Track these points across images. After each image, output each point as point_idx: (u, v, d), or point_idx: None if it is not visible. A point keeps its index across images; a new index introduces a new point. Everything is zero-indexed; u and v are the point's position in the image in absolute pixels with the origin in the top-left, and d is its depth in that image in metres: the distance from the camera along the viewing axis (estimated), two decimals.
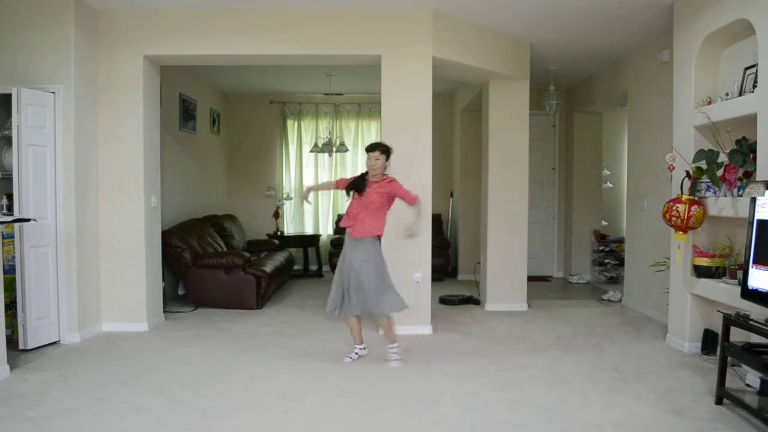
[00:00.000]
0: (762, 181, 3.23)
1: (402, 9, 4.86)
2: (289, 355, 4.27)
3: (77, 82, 4.56)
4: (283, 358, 4.19)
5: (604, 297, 6.44)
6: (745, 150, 3.67)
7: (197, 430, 2.93)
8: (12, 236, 4.27)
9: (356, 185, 4.07)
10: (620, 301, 6.27)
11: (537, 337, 4.82)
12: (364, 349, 4.22)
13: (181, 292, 6.24)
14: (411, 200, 4.04)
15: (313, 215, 8.79)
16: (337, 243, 7.98)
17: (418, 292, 4.93)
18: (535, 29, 5.35)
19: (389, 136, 4.93)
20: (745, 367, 3.43)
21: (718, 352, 3.45)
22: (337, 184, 4.37)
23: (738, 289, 3.38)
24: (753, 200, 3.21)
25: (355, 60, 5.17)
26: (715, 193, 3.96)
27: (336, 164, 8.67)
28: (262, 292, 5.89)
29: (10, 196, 4.38)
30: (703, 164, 3.95)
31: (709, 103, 4.08)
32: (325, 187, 3.93)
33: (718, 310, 3.57)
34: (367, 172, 4.10)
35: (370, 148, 4.07)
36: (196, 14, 4.84)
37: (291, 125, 8.71)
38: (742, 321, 3.14)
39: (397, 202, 4.11)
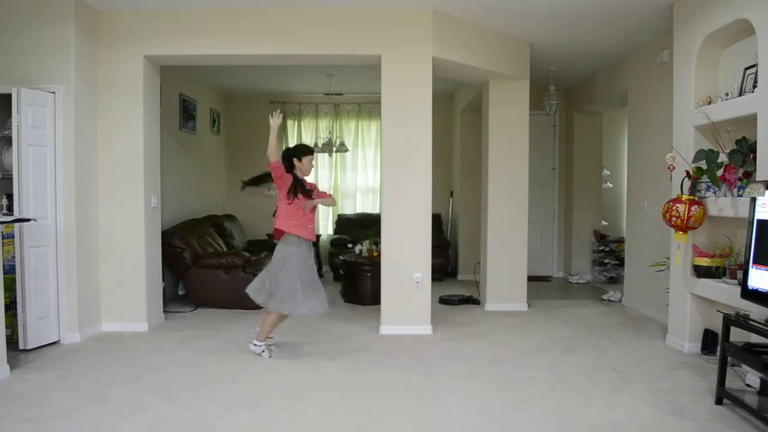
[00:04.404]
0: (762, 181, 3.23)
1: (402, 9, 4.86)
2: (289, 355, 4.27)
3: (77, 82, 4.56)
4: (283, 358, 4.19)
5: (604, 297, 6.44)
6: (745, 150, 3.66)
7: (197, 430, 2.93)
8: (12, 236, 4.27)
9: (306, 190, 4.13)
10: (620, 301, 6.27)
11: (537, 337, 4.82)
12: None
13: (181, 292, 6.24)
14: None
15: None
16: (337, 243, 8.00)
17: (418, 292, 4.94)
18: (536, 29, 5.35)
19: (389, 136, 4.94)
20: (745, 367, 3.43)
21: (718, 352, 3.45)
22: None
23: (738, 289, 3.38)
24: (753, 200, 3.21)
25: (355, 60, 5.17)
26: (715, 193, 3.96)
27: (336, 164, 8.68)
28: None
29: (10, 196, 4.38)
30: (703, 164, 3.95)
31: (709, 103, 4.08)
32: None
33: (718, 310, 3.58)
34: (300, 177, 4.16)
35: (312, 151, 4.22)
36: (196, 14, 4.84)
37: (291, 125, 8.71)
38: (742, 321, 3.14)
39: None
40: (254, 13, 4.83)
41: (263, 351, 4.17)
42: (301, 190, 4.08)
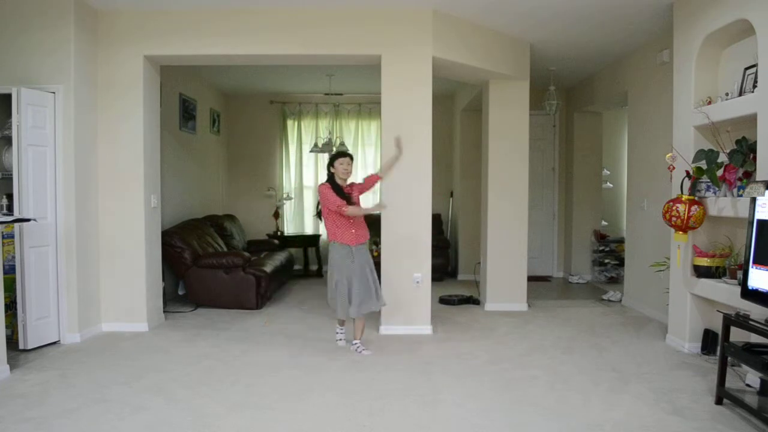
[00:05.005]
0: (762, 181, 3.23)
1: (402, 9, 4.86)
2: (289, 354, 4.27)
3: (77, 82, 4.56)
4: (283, 357, 4.19)
5: (604, 297, 6.44)
6: (745, 150, 3.67)
7: (197, 430, 2.93)
8: (12, 236, 4.27)
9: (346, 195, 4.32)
10: (620, 301, 6.27)
11: (537, 337, 4.82)
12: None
13: (181, 292, 6.24)
14: (372, 180, 4.56)
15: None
16: None
17: (418, 292, 4.94)
18: (536, 29, 5.35)
19: (389, 136, 4.93)
20: (745, 367, 3.43)
21: (718, 352, 3.45)
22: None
23: (738, 289, 3.38)
24: (753, 200, 3.21)
25: (355, 60, 5.17)
26: (715, 193, 3.96)
27: None
28: (262, 292, 5.89)
29: (10, 196, 4.38)
30: (703, 164, 3.95)
31: (709, 103, 4.08)
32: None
33: (718, 310, 3.57)
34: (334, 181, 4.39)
35: (345, 155, 4.40)
36: (196, 14, 4.84)
37: (291, 125, 8.71)
38: (742, 321, 3.14)
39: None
40: (254, 13, 4.83)
41: (358, 348, 4.32)
42: (337, 195, 4.26)
